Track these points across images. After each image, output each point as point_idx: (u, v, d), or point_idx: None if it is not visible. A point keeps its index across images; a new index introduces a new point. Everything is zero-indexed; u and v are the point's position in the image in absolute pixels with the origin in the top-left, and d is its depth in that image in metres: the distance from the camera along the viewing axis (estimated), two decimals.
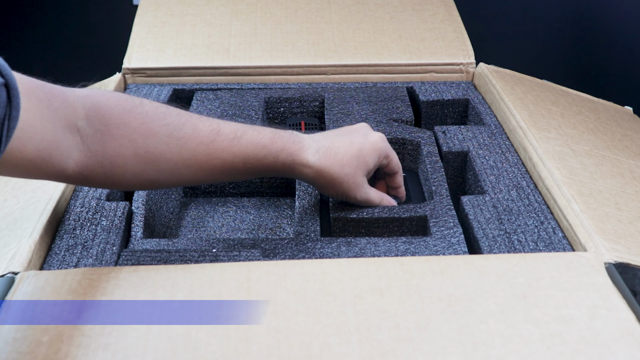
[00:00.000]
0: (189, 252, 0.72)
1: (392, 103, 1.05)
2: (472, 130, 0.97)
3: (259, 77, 1.14)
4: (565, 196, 0.77)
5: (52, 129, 0.61)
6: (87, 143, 0.65)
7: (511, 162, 0.89)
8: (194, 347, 0.55)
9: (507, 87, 1.05)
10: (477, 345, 0.55)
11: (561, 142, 0.90)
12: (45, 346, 0.55)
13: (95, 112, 0.66)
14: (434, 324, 0.57)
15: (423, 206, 0.81)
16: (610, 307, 0.59)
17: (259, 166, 0.73)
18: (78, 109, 0.65)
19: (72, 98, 0.65)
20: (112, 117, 0.66)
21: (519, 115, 0.95)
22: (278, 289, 0.61)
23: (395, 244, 0.74)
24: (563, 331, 0.57)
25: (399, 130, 0.97)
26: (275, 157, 0.72)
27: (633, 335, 0.56)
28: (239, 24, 1.22)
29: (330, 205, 0.81)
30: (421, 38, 1.19)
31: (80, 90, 0.67)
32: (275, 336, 0.56)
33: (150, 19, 1.24)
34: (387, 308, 0.59)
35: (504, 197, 0.81)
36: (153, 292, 0.61)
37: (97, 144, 0.66)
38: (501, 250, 0.72)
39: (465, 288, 0.61)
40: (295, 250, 0.73)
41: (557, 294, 0.61)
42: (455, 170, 0.94)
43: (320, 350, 0.55)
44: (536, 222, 0.76)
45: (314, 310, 0.59)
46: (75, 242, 0.73)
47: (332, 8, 1.26)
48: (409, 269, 0.64)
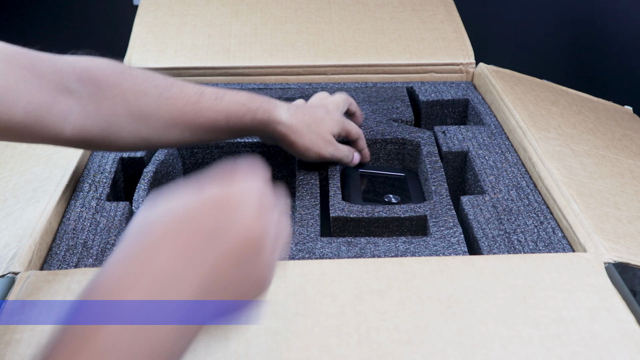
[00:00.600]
0: None
1: (392, 103, 1.05)
2: (471, 130, 0.97)
3: (259, 77, 1.15)
4: (564, 196, 0.77)
5: (39, 91, 0.64)
6: (82, 104, 0.69)
7: (511, 162, 0.89)
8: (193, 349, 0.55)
9: (506, 87, 1.05)
10: (477, 348, 0.55)
11: (561, 142, 0.90)
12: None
13: (87, 75, 0.70)
14: (433, 325, 0.57)
15: (423, 206, 0.81)
16: (610, 308, 0.59)
17: (239, 124, 0.80)
18: (68, 72, 0.68)
19: (60, 63, 0.68)
20: (105, 79, 0.71)
21: (519, 115, 0.95)
22: (278, 290, 0.61)
23: (395, 243, 0.74)
24: (562, 333, 0.57)
25: (399, 130, 0.97)
26: (253, 114, 0.80)
27: (633, 338, 0.56)
28: (239, 24, 1.22)
29: (330, 205, 0.81)
30: (421, 38, 1.19)
31: (69, 57, 0.71)
32: (275, 338, 0.56)
33: (151, 19, 1.24)
34: (387, 309, 0.59)
35: (504, 197, 0.81)
36: None
37: (92, 104, 0.69)
38: (501, 250, 0.72)
39: (465, 289, 0.61)
40: (295, 250, 0.73)
41: (557, 295, 0.61)
42: (455, 170, 0.94)
43: (319, 352, 0.55)
44: (536, 222, 0.76)
45: (313, 312, 0.59)
46: (76, 242, 0.73)
47: (332, 8, 1.26)
48: (409, 269, 0.64)
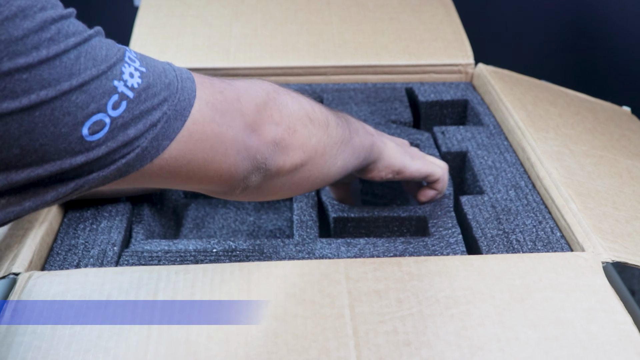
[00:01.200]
0: (189, 252, 0.73)
1: (390, 104, 1.05)
2: (470, 131, 0.97)
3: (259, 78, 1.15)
4: (563, 196, 0.78)
5: None
6: None
7: (509, 162, 0.89)
8: (194, 352, 0.55)
9: (505, 87, 1.05)
10: (474, 350, 0.56)
11: (559, 142, 0.90)
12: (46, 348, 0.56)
13: None
14: (432, 327, 0.58)
15: (422, 206, 0.81)
16: (607, 309, 0.60)
17: None
18: None
19: None
20: None
21: (518, 115, 0.96)
22: (278, 290, 0.62)
23: (394, 244, 0.74)
24: (560, 334, 0.57)
25: (397, 131, 0.97)
26: None
27: (630, 339, 0.56)
28: (239, 25, 1.22)
29: (330, 206, 0.82)
30: (420, 39, 1.19)
31: None
32: (275, 340, 0.56)
33: (151, 20, 1.24)
34: (385, 311, 0.59)
35: (503, 197, 0.82)
36: (153, 292, 0.62)
37: None
38: (499, 250, 0.73)
39: (464, 290, 0.62)
40: (294, 250, 0.74)
41: (555, 295, 0.61)
42: (454, 171, 0.95)
43: (318, 354, 0.55)
44: (534, 222, 0.77)
45: (312, 313, 0.59)
46: (76, 243, 0.74)
47: (332, 9, 1.26)
48: (408, 270, 0.64)
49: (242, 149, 0.57)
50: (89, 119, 0.45)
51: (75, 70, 0.44)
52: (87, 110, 0.45)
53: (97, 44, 0.47)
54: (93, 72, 0.45)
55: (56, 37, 0.44)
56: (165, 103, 0.50)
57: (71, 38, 0.45)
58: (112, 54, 0.47)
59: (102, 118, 0.46)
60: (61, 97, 0.44)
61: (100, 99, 0.46)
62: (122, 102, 0.47)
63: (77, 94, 0.44)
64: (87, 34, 0.47)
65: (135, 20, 1.24)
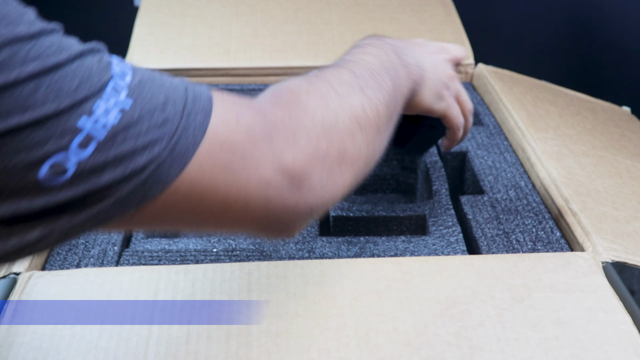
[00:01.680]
0: (189, 252, 0.73)
1: None
2: (470, 131, 0.97)
3: (259, 78, 1.15)
4: (563, 196, 0.78)
5: None
6: None
7: (509, 162, 0.89)
8: (194, 352, 0.55)
9: (505, 87, 1.05)
10: (474, 350, 0.56)
11: (559, 142, 0.90)
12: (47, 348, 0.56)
13: None
14: (432, 327, 0.58)
15: (422, 205, 0.81)
16: (607, 309, 0.60)
17: None
18: None
19: None
20: None
21: (517, 115, 0.96)
22: (278, 290, 0.62)
23: (395, 243, 0.74)
24: (560, 335, 0.57)
25: None
26: None
27: (629, 339, 0.56)
28: (240, 25, 1.22)
29: None
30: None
31: None
32: (275, 340, 0.56)
33: (152, 20, 1.24)
34: (386, 311, 0.59)
35: (503, 197, 0.82)
36: (154, 292, 0.62)
37: None
38: (499, 249, 0.73)
39: (464, 290, 0.62)
40: (295, 249, 0.74)
41: (555, 295, 0.61)
42: (454, 170, 0.95)
43: (319, 355, 0.55)
44: (534, 222, 0.77)
45: (313, 313, 0.59)
46: (77, 242, 0.74)
47: (332, 9, 1.26)
48: (408, 270, 0.64)
49: (271, 207, 0.47)
50: (48, 159, 0.39)
51: (30, 103, 0.38)
52: (43, 150, 0.38)
53: (69, 72, 0.40)
54: (52, 108, 0.38)
55: (7, 62, 0.37)
56: (155, 145, 0.42)
57: (30, 64, 0.38)
58: (86, 86, 0.40)
59: (63, 160, 0.39)
60: (9, 134, 0.37)
61: (60, 138, 0.39)
62: (91, 143, 0.40)
63: (30, 131, 0.38)
64: (57, 59, 0.39)
65: (135, 20, 1.24)
